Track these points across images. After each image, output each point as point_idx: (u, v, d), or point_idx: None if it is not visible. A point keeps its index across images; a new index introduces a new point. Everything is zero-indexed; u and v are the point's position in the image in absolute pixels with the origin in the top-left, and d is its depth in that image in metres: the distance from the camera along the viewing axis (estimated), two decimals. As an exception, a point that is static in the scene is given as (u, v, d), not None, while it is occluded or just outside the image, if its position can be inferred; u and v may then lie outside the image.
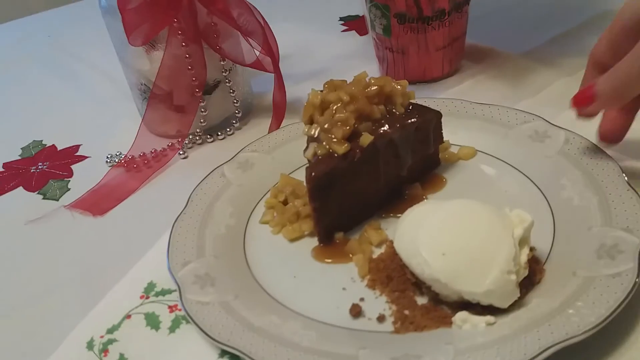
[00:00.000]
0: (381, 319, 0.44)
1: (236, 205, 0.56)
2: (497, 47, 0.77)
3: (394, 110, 0.53)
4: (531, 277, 0.43)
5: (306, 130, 0.52)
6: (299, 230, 0.53)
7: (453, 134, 0.60)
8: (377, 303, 0.46)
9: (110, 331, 0.47)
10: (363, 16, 0.91)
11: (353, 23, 0.94)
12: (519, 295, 0.42)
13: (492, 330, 0.41)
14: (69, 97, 0.86)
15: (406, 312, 0.44)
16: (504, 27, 0.83)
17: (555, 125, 0.57)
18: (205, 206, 0.56)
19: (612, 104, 0.46)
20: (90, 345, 0.46)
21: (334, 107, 0.51)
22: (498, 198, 0.52)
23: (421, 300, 0.45)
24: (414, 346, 0.41)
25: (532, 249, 0.45)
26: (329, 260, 0.50)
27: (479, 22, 0.78)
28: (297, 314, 0.45)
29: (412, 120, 0.53)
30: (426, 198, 0.55)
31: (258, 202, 0.58)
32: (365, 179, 0.52)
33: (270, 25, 0.67)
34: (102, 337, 0.46)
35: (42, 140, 0.77)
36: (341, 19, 0.96)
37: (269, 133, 0.65)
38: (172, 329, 0.46)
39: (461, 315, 0.42)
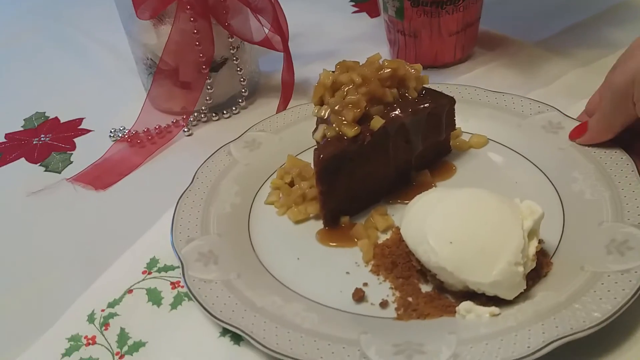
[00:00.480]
0: (384, 304, 0.44)
1: (242, 184, 0.56)
2: (511, 35, 0.76)
3: (406, 94, 0.52)
4: (538, 270, 0.43)
5: (316, 111, 0.51)
6: (305, 213, 0.52)
7: (465, 122, 0.59)
8: (380, 289, 0.45)
9: (111, 305, 0.46)
10: (375, -2, 0.90)
11: (364, 5, 0.92)
12: (525, 287, 0.41)
13: (496, 321, 0.40)
14: (73, 69, 0.85)
15: (410, 299, 0.44)
16: (519, 14, 0.81)
17: (570, 117, 0.56)
18: (211, 184, 0.55)
19: (602, 134, 0.51)
20: (91, 319, 0.46)
21: (345, 89, 0.50)
22: (508, 188, 0.52)
23: (425, 288, 0.45)
24: (416, 334, 0.41)
25: (540, 242, 0.44)
26: (334, 244, 0.50)
27: (494, 9, 0.76)
28: (300, 295, 0.45)
29: (425, 105, 0.52)
30: (435, 185, 0.54)
31: (264, 183, 0.57)
32: (374, 163, 0.51)
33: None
34: (103, 310, 0.46)
35: (45, 112, 0.76)
36: (352, 0, 0.94)
37: (277, 113, 0.64)
38: (174, 306, 0.46)
39: (465, 305, 0.42)
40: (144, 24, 0.64)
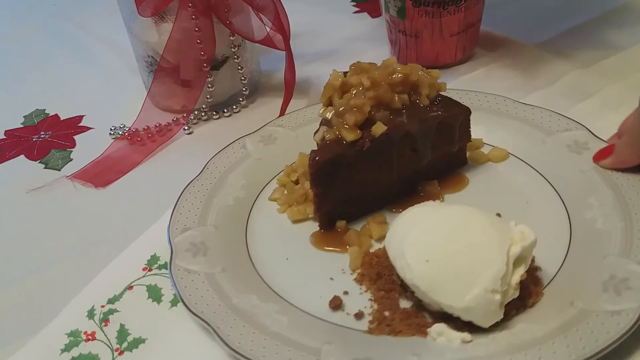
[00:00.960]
0: (359, 316, 0.43)
1: (249, 178, 0.56)
2: (512, 36, 0.76)
3: (417, 101, 0.50)
4: (525, 299, 0.41)
5: (321, 111, 0.51)
6: (304, 213, 0.52)
7: (488, 133, 0.56)
8: (360, 299, 0.44)
9: (111, 301, 0.46)
10: (376, -2, 0.90)
11: (365, 5, 0.92)
12: (501, 317, 0.39)
13: (465, 348, 0.39)
14: (74, 67, 0.85)
15: (386, 313, 0.42)
16: (520, 16, 0.82)
17: (598, 137, 0.53)
18: (220, 175, 0.55)
19: (628, 158, 0.48)
20: (91, 314, 0.46)
21: (354, 92, 0.49)
22: (517, 208, 0.50)
23: (405, 304, 0.43)
24: (380, 351, 0.40)
25: (536, 269, 0.43)
26: (325, 248, 0.49)
27: (495, 10, 0.76)
28: (278, 296, 0.45)
29: (436, 114, 0.50)
30: (442, 197, 0.52)
31: (273, 178, 0.56)
32: (375, 170, 0.50)
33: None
34: (103, 306, 0.46)
35: (45, 109, 0.76)
36: (353, 0, 0.94)
37: (281, 111, 0.64)
38: (174, 303, 0.46)
39: (437, 328, 0.40)
40: (146, 21, 0.64)
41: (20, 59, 0.90)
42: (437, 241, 0.41)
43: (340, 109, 0.48)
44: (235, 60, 0.68)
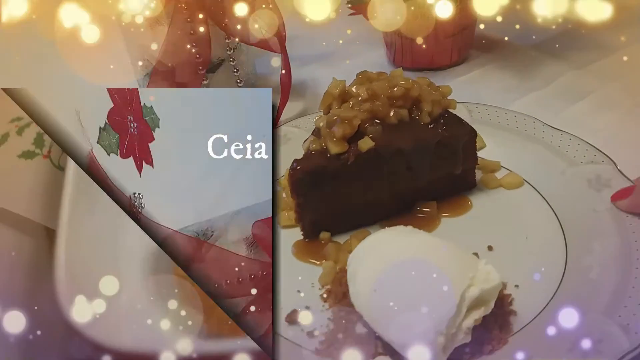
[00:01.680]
0: (312, 334, 0.41)
1: None
2: (507, 37, 0.76)
3: (417, 118, 0.48)
4: (483, 345, 0.38)
5: (316, 120, 0.50)
6: (293, 219, 0.51)
7: (508, 155, 0.53)
8: (319, 317, 0.42)
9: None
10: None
11: (361, 7, 0.92)
12: None
13: None
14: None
15: (340, 335, 0.40)
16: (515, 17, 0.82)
17: (624, 175, 0.48)
18: None
19: None
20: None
21: (351, 102, 0.47)
22: (513, 243, 0.46)
23: (361, 329, 0.40)
24: None
25: (509, 313, 0.40)
26: (305, 258, 0.48)
27: (490, 11, 0.77)
28: None
29: (434, 133, 0.47)
30: (439, 220, 0.50)
31: (277, 180, 0.54)
32: (362, 185, 0.48)
33: (275, 6, 0.65)
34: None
35: (40, 112, 0.76)
36: (349, 2, 0.94)
37: (277, 114, 0.64)
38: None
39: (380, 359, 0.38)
40: (141, 24, 0.64)
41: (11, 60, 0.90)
42: (389, 271, 0.38)
43: (332, 119, 0.47)
44: (231, 63, 0.68)
